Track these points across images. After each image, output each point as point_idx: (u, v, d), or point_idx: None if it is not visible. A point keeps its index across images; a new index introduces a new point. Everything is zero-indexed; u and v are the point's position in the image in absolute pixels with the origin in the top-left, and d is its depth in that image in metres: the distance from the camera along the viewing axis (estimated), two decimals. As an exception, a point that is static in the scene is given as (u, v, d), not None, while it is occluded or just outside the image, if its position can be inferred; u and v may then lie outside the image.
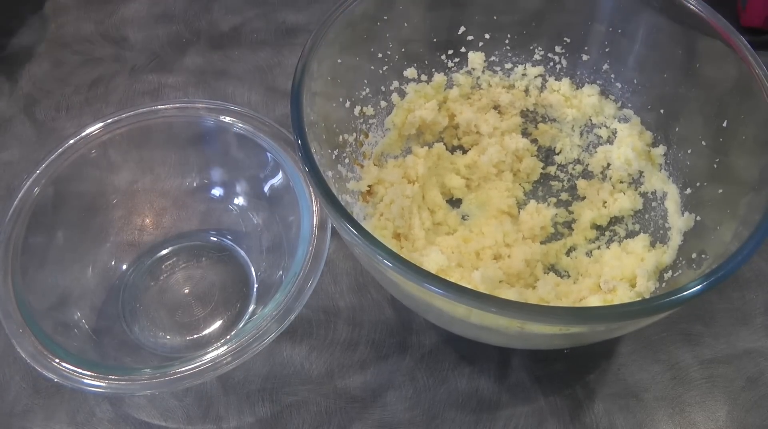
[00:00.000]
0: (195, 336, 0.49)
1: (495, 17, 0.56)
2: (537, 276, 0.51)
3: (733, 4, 0.69)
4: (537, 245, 0.53)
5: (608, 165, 0.56)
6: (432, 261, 0.48)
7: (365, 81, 0.53)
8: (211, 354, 0.41)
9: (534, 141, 0.58)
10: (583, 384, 0.48)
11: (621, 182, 0.55)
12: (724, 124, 0.47)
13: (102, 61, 0.70)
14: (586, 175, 0.57)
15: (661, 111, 0.53)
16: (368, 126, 0.55)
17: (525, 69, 0.58)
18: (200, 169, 0.54)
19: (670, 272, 0.47)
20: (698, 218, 0.47)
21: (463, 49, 0.57)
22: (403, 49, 0.55)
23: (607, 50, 0.55)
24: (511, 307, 0.35)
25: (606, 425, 0.47)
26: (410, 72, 0.56)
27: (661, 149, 0.53)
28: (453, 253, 0.50)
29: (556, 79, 0.58)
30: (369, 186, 0.53)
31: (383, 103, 0.55)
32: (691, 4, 0.48)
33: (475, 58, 0.58)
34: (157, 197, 0.54)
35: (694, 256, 0.45)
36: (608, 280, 0.48)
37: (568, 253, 0.53)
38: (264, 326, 0.42)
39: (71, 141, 0.49)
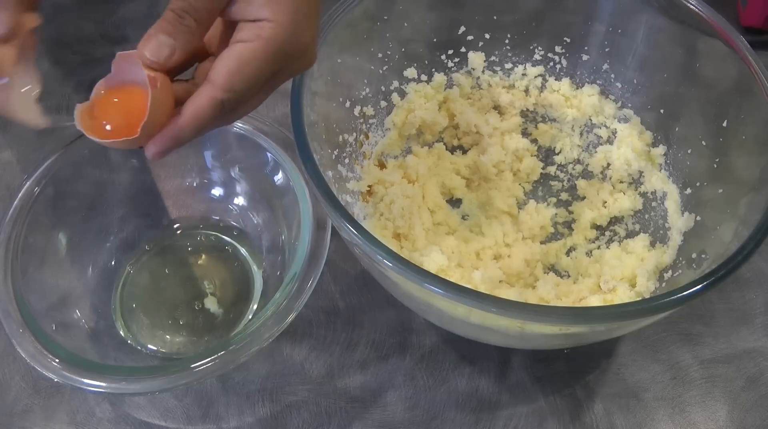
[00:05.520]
0: (195, 336, 0.49)
1: (495, 17, 0.56)
2: (537, 276, 0.51)
3: (733, 4, 0.69)
4: (537, 245, 0.52)
5: (608, 165, 0.56)
6: (432, 261, 0.48)
7: (365, 81, 0.53)
8: (211, 354, 0.41)
9: (534, 141, 0.58)
10: (583, 384, 0.48)
11: (621, 182, 0.55)
12: (724, 124, 0.47)
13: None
14: (586, 175, 0.57)
15: (661, 111, 0.53)
16: (368, 126, 0.55)
17: (525, 69, 0.58)
18: (200, 169, 0.54)
19: (670, 272, 0.47)
20: (698, 218, 0.47)
21: (463, 49, 0.57)
22: (403, 49, 0.55)
23: (607, 50, 0.55)
24: (511, 307, 0.35)
25: (606, 425, 0.47)
26: (410, 72, 0.56)
27: (661, 149, 0.53)
28: (453, 253, 0.50)
29: (556, 79, 0.58)
30: (369, 186, 0.53)
31: (383, 103, 0.55)
32: (691, 4, 0.48)
33: (475, 58, 0.58)
34: (157, 197, 0.54)
35: (694, 256, 0.45)
36: (608, 280, 0.48)
37: (568, 253, 0.53)
38: (264, 326, 0.42)
39: (71, 141, 0.49)
